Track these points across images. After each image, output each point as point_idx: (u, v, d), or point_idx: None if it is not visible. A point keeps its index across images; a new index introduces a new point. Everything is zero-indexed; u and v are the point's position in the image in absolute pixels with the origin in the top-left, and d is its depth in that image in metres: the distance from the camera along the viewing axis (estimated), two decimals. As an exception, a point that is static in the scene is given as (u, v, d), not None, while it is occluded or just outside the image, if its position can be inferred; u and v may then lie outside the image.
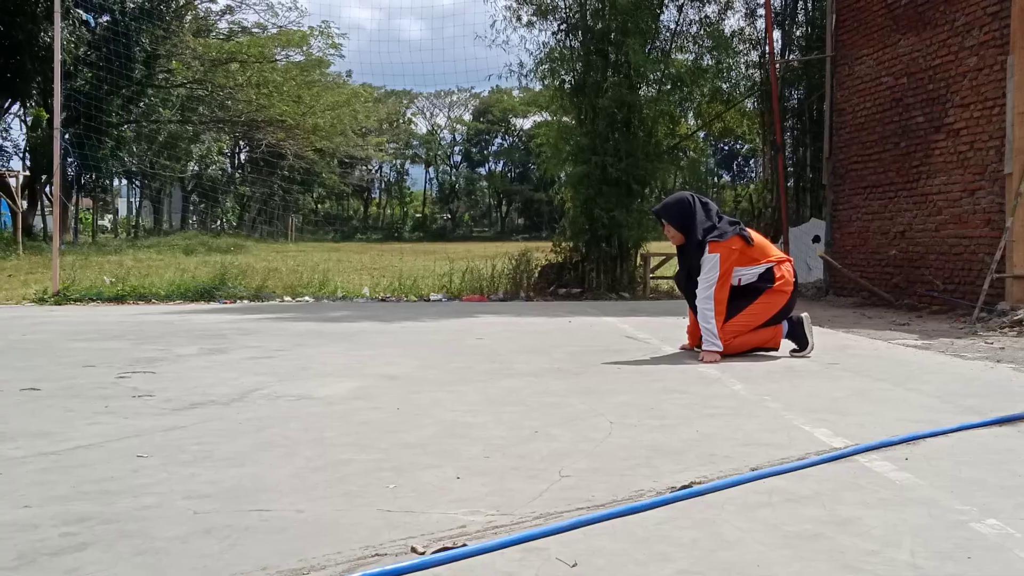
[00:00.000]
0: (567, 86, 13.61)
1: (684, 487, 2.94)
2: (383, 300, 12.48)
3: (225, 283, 12.80)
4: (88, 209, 49.72)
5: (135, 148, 40.06)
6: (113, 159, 35.83)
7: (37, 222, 38.38)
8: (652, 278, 13.57)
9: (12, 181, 28.98)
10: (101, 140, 31.89)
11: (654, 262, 13.68)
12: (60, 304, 11.52)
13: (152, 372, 5.54)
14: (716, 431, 3.82)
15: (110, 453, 3.45)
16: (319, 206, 75.57)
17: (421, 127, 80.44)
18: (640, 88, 13.48)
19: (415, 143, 79.77)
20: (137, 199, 57.53)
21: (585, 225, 13.06)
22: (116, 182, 51.04)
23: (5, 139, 45.97)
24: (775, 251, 6.54)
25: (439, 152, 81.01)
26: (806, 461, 3.28)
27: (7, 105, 35.87)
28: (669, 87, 13.89)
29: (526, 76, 13.95)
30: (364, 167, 73.11)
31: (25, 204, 31.77)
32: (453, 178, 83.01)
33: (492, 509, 2.72)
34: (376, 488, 2.97)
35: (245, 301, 12.16)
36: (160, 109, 39.41)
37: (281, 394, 4.78)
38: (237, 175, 59.04)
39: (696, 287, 6.34)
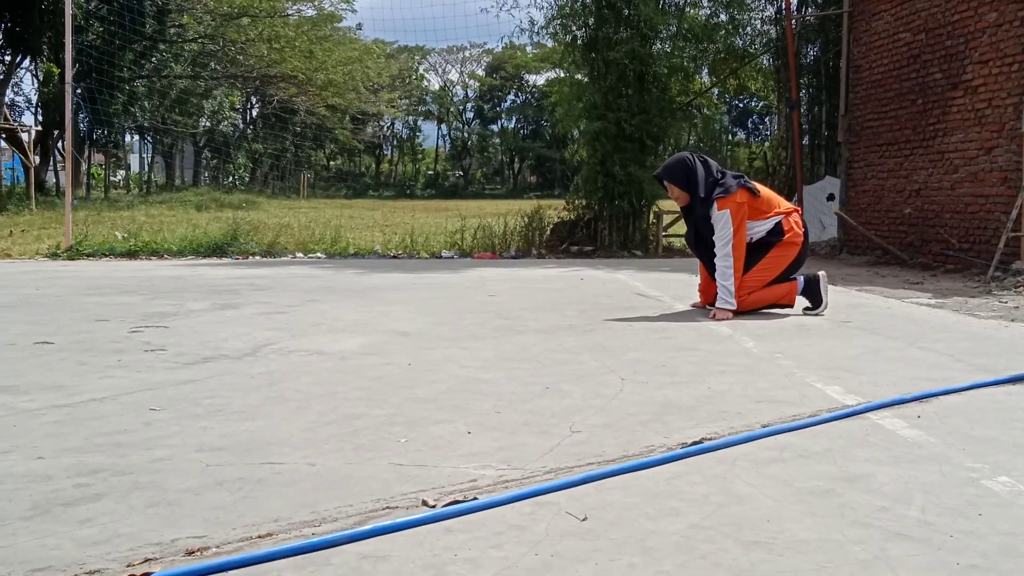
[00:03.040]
0: (579, 41, 13.49)
1: (695, 443, 2.94)
2: (395, 257, 12.47)
3: (237, 239, 12.80)
4: (100, 164, 49.77)
5: (147, 103, 40.01)
6: (125, 114, 35.82)
7: (49, 177, 38.49)
8: (665, 236, 13.52)
9: (24, 136, 28.95)
10: (113, 95, 31.88)
11: (667, 220, 13.61)
12: (73, 259, 11.55)
13: (165, 327, 5.56)
14: (728, 388, 3.82)
15: (123, 406, 3.46)
16: (331, 163, 75.55)
17: (433, 83, 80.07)
18: (654, 44, 13.34)
19: (427, 99, 79.35)
20: (149, 155, 57.52)
21: (600, 182, 12.98)
22: (128, 137, 51.07)
23: (17, 94, 46.05)
24: (782, 202, 6.50)
25: (451, 108, 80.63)
26: (818, 418, 3.28)
27: (18, 60, 35.74)
28: (683, 43, 13.76)
29: (537, 33, 13.85)
30: (376, 123, 72.83)
31: (37, 159, 31.77)
32: (465, 135, 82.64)
33: (503, 463, 2.73)
34: (388, 442, 2.98)
35: (257, 257, 12.17)
36: (172, 64, 39.31)
37: (293, 349, 4.79)
38: (249, 131, 58.94)
39: (706, 246, 6.32)
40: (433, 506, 2.34)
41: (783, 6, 14.41)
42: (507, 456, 2.82)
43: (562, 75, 15.77)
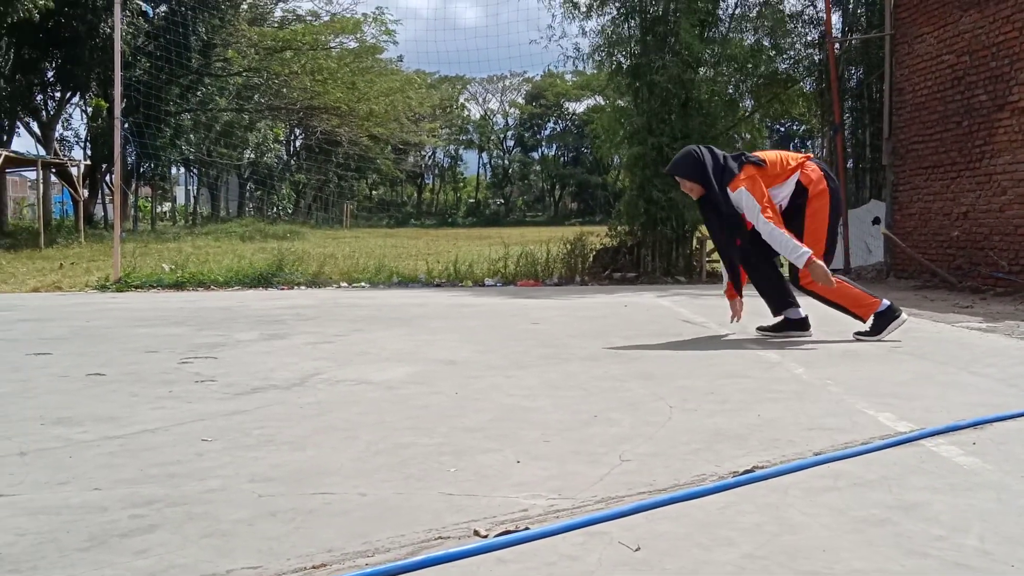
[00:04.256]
0: (623, 68, 13.54)
1: (747, 471, 2.91)
2: (438, 285, 12.53)
3: (282, 269, 12.92)
4: (147, 197, 50.53)
5: (192, 136, 40.60)
6: (171, 147, 36.37)
7: (98, 210, 39.11)
8: (708, 261, 13.45)
9: (74, 170, 29.46)
10: (160, 129, 32.38)
11: (710, 245, 13.54)
12: (121, 291, 11.71)
13: (214, 357, 5.62)
14: (778, 415, 3.78)
15: (175, 437, 3.50)
16: (373, 192, 76.18)
17: (474, 112, 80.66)
18: (698, 71, 13.36)
19: (468, 128, 79.90)
20: (195, 187, 58.29)
21: (642, 208, 12.97)
22: (174, 170, 51.79)
23: (67, 129, 46.89)
24: (791, 158, 6.36)
25: (492, 137, 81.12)
26: (871, 445, 3.24)
27: (68, 96, 36.47)
28: (725, 68, 13.77)
29: (582, 61, 13.97)
30: (418, 153, 73.43)
31: (86, 193, 32.34)
32: (506, 163, 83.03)
33: (553, 493, 2.72)
34: (437, 472, 2.98)
35: (302, 287, 12.27)
36: (216, 97, 39.88)
37: (341, 379, 4.82)
38: (292, 162, 59.58)
39: (727, 233, 6.35)
40: (485, 536, 2.34)
41: (825, 30, 14.35)
42: (557, 485, 2.81)
43: (602, 102, 15.83)
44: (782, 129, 63.67)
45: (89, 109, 37.03)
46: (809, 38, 16.88)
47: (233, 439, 3.45)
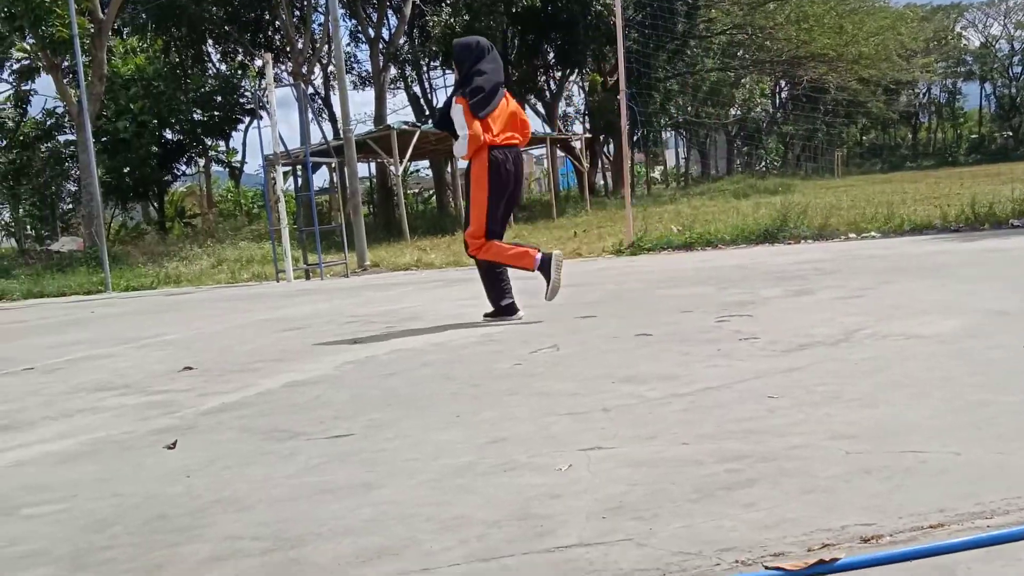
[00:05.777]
0: None
1: None
2: (956, 230, 11.72)
3: (787, 224, 12.81)
4: (640, 163, 52.65)
5: (680, 100, 41.59)
6: (662, 113, 37.57)
7: (597, 179, 41.46)
8: None
9: (576, 144, 31.46)
10: (650, 96, 33.54)
11: None
12: (636, 254, 12.32)
13: (748, 315, 5.69)
14: None
15: (739, 394, 3.59)
16: (864, 137, 73.09)
17: (973, 40, 74.22)
18: None
19: (967, 59, 73.72)
20: (684, 148, 59.67)
21: None
22: (664, 134, 53.40)
23: (568, 105, 50.27)
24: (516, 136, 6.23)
25: (995, 65, 74.13)
26: None
27: (567, 74, 38.99)
28: None
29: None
30: (911, 91, 69.15)
31: (588, 164, 34.38)
32: (1013, 91, 75.41)
33: None
34: (1032, 431, 2.78)
35: (808, 241, 12.09)
36: (703, 59, 40.47)
37: (886, 333, 4.66)
38: (779, 115, 58.84)
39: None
40: (1120, 503, 2.14)
41: None
42: None
43: None
44: None
45: (585, 84, 39.34)
46: None
47: (798, 396, 3.47)
